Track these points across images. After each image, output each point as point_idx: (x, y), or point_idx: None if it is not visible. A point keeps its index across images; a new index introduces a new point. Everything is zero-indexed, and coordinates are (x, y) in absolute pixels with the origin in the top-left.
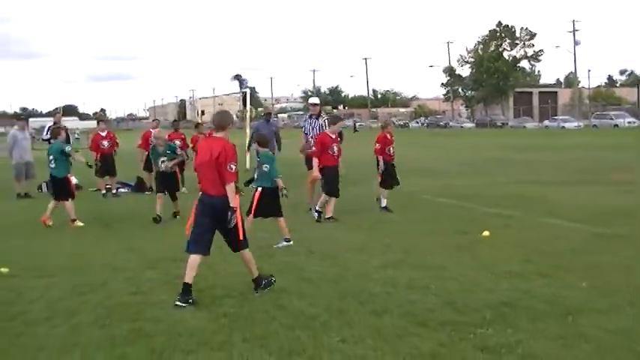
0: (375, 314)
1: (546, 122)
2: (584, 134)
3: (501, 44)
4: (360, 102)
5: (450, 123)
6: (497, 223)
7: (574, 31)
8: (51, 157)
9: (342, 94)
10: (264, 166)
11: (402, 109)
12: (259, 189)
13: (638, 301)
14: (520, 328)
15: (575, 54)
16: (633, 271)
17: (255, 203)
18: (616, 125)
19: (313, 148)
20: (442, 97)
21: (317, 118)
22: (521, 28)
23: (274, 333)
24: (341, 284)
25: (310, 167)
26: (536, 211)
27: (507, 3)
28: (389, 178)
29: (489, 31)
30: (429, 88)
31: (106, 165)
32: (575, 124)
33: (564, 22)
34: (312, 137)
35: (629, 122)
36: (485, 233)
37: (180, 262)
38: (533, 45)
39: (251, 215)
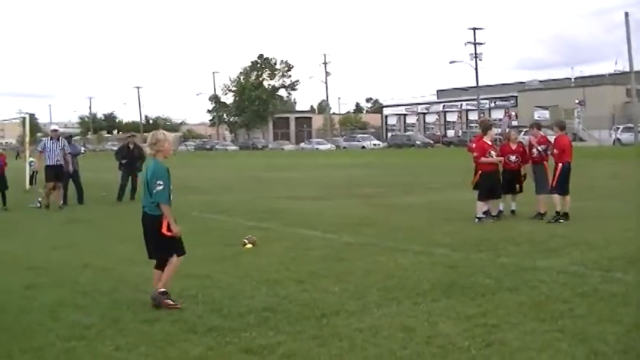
0: (147, 322)
1: (302, 145)
2: (335, 155)
3: (262, 74)
4: (133, 127)
5: (216, 146)
6: (257, 235)
7: (325, 63)
8: None
9: (117, 120)
10: None
11: (172, 134)
12: None
13: (384, 301)
14: (280, 331)
15: (326, 84)
16: (378, 275)
17: None
18: (363, 147)
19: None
20: (208, 122)
21: (58, 140)
22: (281, 61)
23: (51, 344)
24: (115, 295)
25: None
26: (292, 224)
27: (268, 37)
28: None
29: (251, 62)
30: (196, 114)
31: None
32: (328, 146)
33: (317, 55)
34: (48, 155)
35: (374, 144)
36: (248, 245)
37: None
38: (290, 75)
39: None
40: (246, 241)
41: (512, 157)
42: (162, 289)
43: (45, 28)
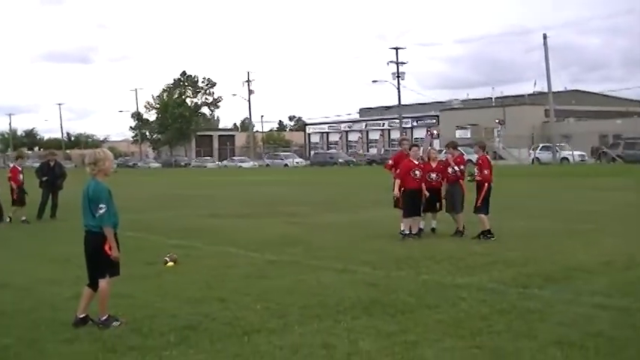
0: (66, 342)
1: (225, 162)
2: (258, 173)
3: (185, 92)
4: (55, 144)
5: (138, 163)
6: (180, 253)
7: (249, 81)
8: None
9: (38, 137)
10: None
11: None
12: None
13: (305, 319)
14: (201, 349)
15: (250, 101)
16: (300, 293)
17: None
18: (286, 165)
19: None
20: (131, 139)
21: None
22: (203, 78)
23: None
24: (33, 315)
25: None
26: (215, 242)
27: (191, 54)
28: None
29: (174, 79)
30: (118, 131)
31: None
32: (251, 163)
33: (240, 73)
34: None
35: (296, 162)
36: (170, 263)
37: None
38: (213, 93)
39: None
40: (167, 259)
41: (433, 175)
42: (104, 317)
43: None
